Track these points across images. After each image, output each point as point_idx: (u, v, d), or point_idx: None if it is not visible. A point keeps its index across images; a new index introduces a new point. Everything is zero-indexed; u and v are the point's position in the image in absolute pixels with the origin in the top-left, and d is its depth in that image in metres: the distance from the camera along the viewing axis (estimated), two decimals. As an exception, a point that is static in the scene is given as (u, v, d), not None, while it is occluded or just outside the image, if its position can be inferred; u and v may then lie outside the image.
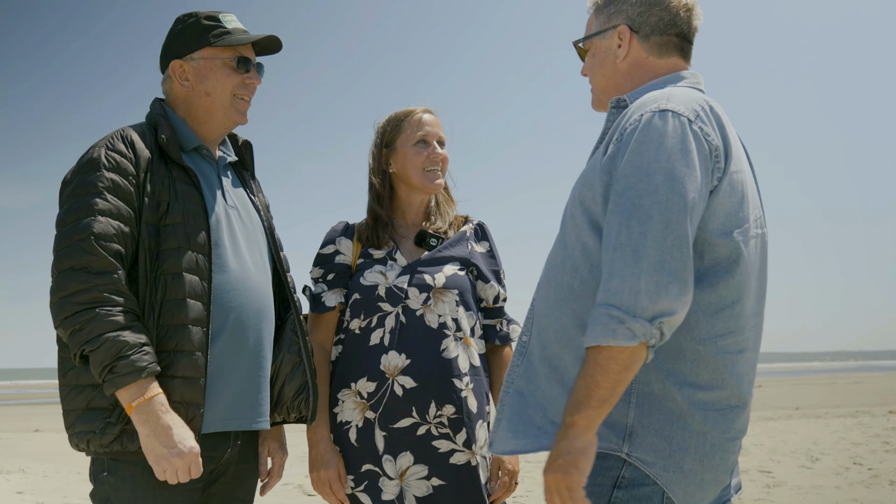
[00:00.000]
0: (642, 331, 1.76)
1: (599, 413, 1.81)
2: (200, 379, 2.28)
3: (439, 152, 2.90)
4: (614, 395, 1.81)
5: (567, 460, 1.81)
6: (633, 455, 1.90)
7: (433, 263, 2.83)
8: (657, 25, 2.16)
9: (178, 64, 2.52)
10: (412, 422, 2.67)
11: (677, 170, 1.83)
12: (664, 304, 1.77)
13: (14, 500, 7.51)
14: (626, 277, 1.78)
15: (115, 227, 2.24)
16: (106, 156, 2.31)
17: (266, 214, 2.70)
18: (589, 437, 1.82)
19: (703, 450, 1.92)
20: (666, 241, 1.78)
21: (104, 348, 2.13)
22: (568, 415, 1.83)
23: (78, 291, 2.17)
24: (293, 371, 2.58)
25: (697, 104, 1.95)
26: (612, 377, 1.79)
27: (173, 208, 2.34)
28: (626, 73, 2.19)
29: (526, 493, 7.44)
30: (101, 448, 2.24)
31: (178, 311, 2.28)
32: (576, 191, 2.04)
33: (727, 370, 1.94)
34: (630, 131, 1.91)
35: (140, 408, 2.16)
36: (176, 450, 2.17)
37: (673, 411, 1.90)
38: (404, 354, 2.69)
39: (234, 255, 2.46)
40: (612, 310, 1.78)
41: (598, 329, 1.79)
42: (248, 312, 2.45)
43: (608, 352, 1.78)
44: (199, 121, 2.55)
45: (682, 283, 1.79)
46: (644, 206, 1.81)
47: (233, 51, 2.53)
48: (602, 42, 2.22)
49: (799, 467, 8.59)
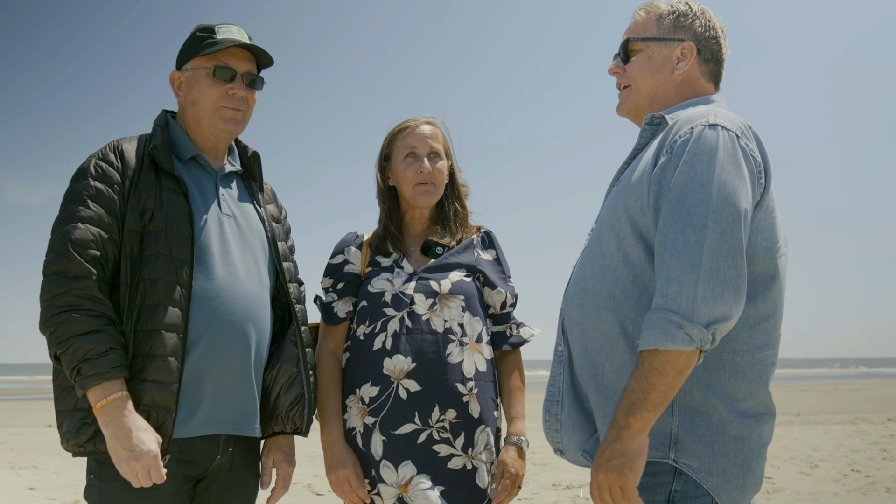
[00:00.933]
0: (699, 336, 1.83)
1: (654, 416, 1.87)
2: (173, 384, 2.31)
3: (426, 166, 2.88)
4: (667, 399, 1.88)
5: (622, 461, 1.87)
6: (680, 461, 1.96)
7: (439, 270, 2.86)
8: (716, 55, 2.28)
9: (175, 75, 2.62)
10: (413, 428, 2.67)
11: (730, 181, 1.89)
12: (720, 311, 1.84)
13: (26, 496, 7.57)
14: (685, 284, 1.84)
15: (93, 233, 2.31)
16: (94, 165, 2.39)
17: (271, 224, 2.70)
18: (643, 438, 1.88)
19: (742, 454, 1.98)
20: (721, 250, 1.85)
21: (72, 350, 2.21)
22: (622, 416, 1.89)
23: (56, 295, 2.25)
24: (290, 382, 2.60)
25: (741, 122, 2.04)
26: (667, 381, 1.85)
27: (157, 215, 2.38)
28: (678, 86, 2.26)
29: (531, 496, 7.50)
30: (77, 448, 2.31)
31: (153, 317, 2.32)
32: (617, 201, 2.08)
33: (761, 381, 2.03)
34: (682, 143, 1.97)
35: (104, 409, 2.22)
36: (133, 452, 2.20)
37: (713, 418, 1.97)
38: (409, 357, 2.71)
39: (223, 263, 2.47)
40: (671, 315, 1.84)
41: (657, 333, 1.85)
42: (234, 320, 2.45)
43: (665, 356, 1.85)
44: (192, 130, 2.61)
45: (737, 290, 1.86)
46: (699, 216, 1.87)
47: (214, 59, 2.55)
48: (662, 49, 2.26)
49: (798, 473, 8.66)
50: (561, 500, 7.29)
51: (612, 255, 2.07)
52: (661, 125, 2.17)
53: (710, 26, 2.27)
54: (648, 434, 1.92)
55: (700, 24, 2.26)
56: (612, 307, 2.05)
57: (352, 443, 2.77)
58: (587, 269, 2.14)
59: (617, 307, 2.04)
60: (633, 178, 2.08)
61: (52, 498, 7.50)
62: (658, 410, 1.88)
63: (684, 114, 2.09)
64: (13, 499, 7.40)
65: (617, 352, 2.03)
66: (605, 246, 2.09)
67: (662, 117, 2.16)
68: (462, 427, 2.70)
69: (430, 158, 2.92)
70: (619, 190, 2.13)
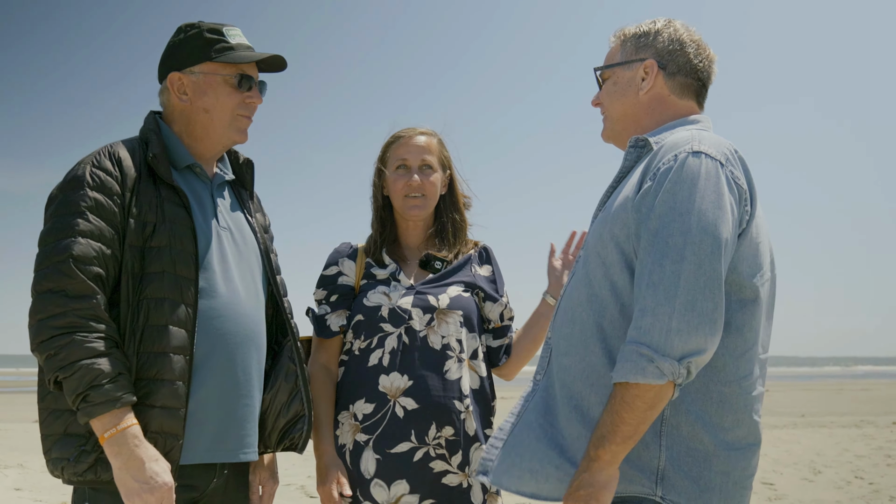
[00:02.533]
0: (671, 370, 1.79)
1: (623, 449, 1.85)
2: (181, 409, 2.21)
3: (415, 179, 2.83)
4: (638, 432, 1.84)
5: (589, 492, 1.85)
6: (667, 498, 1.92)
7: (438, 285, 2.80)
8: (684, 66, 2.23)
9: (176, 76, 2.42)
10: (410, 447, 2.63)
11: (710, 211, 1.86)
12: (694, 344, 1.80)
13: (12, 497, 7.51)
14: (659, 316, 1.80)
15: (95, 249, 2.16)
16: (91, 173, 2.22)
17: (263, 236, 2.60)
18: (611, 471, 1.86)
19: (726, 489, 1.95)
20: (698, 282, 1.81)
21: (78, 376, 2.07)
22: (592, 448, 1.86)
23: (54, 315, 2.10)
24: (290, 400, 2.51)
25: (726, 148, 2.00)
26: (637, 415, 1.82)
27: (160, 230, 2.25)
28: (647, 106, 2.23)
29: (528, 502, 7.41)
30: (75, 476, 2.17)
31: (159, 338, 2.20)
32: (604, 229, 2.05)
33: (747, 411, 1.98)
34: (664, 171, 1.93)
35: (113, 439, 2.09)
36: (147, 485, 2.09)
37: (700, 452, 1.93)
38: (406, 375, 2.66)
39: (223, 279, 2.37)
40: (643, 348, 1.81)
41: (628, 366, 1.82)
42: (237, 340, 2.36)
43: (636, 389, 1.81)
44: (195, 137, 2.45)
45: (713, 323, 1.82)
46: (677, 246, 1.83)
47: (235, 68, 2.43)
48: (626, 72, 2.25)
49: (801, 480, 8.55)
50: None
51: (598, 284, 2.03)
52: (644, 148, 2.13)
53: (673, 39, 2.22)
54: (635, 469, 1.92)
55: (662, 38, 2.22)
56: (599, 338, 2.01)
57: (343, 460, 2.71)
58: (574, 298, 2.10)
59: (605, 338, 2.00)
60: (616, 204, 2.05)
61: (39, 499, 7.44)
62: (628, 444, 1.85)
63: (669, 139, 2.05)
64: None
65: (603, 383, 1.98)
66: (591, 274, 2.06)
67: (646, 140, 2.12)
68: (458, 445, 2.66)
69: (422, 171, 2.86)
70: (604, 216, 2.09)
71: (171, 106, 2.46)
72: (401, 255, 2.90)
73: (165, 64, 2.46)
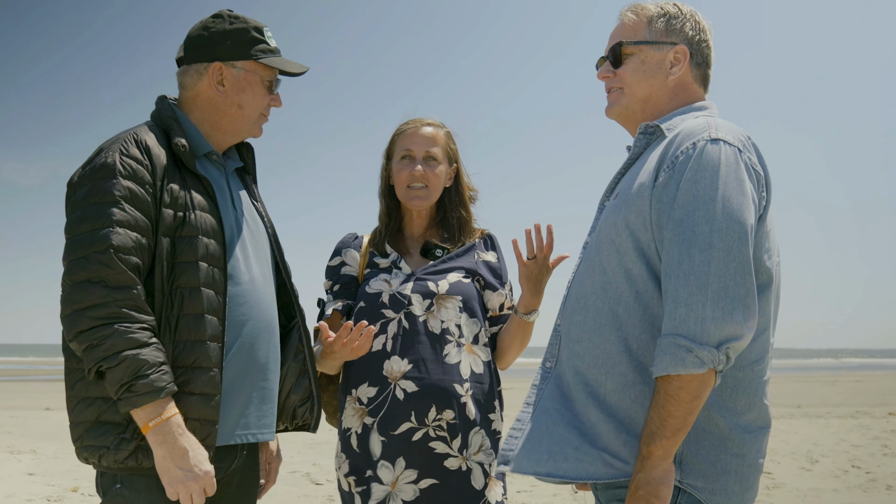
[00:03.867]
0: (710, 357, 1.80)
1: (674, 442, 1.85)
2: (216, 395, 2.25)
3: (419, 169, 2.87)
4: (687, 423, 1.85)
5: (648, 490, 1.85)
6: (685, 482, 1.93)
7: (437, 271, 2.85)
8: (706, 57, 2.23)
9: (218, 66, 2.43)
10: (409, 427, 2.68)
11: (734, 197, 1.86)
12: (730, 330, 1.81)
13: (25, 481, 7.58)
14: (692, 306, 1.81)
15: (133, 238, 2.17)
16: (122, 162, 2.21)
17: (269, 220, 2.66)
18: (666, 465, 1.86)
19: (742, 471, 1.97)
20: (729, 268, 1.82)
21: (123, 366, 2.09)
22: (644, 445, 1.87)
23: (95, 305, 2.11)
24: (298, 380, 2.57)
25: (742, 135, 1.99)
26: (684, 406, 1.83)
27: (189, 220, 2.27)
28: (672, 91, 2.20)
29: (530, 488, 7.53)
30: (116, 464, 2.19)
31: (196, 327, 2.23)
32: (618, 216, 2.03)
33: (758, 394, 2.00)
34: (683, 160, 1.93)
35: (157, 428, 2.12)
36: (192, 473, 2.15)
37: (716, 436, 1.95)
38: (406, 359, 2.72)
39: (245, 266, 2.42)
40: (680, 339, 1.81)
41: (668, 359, 1.82)
42: (259, 325, 2.42)
43: (678, 381, 1.82)
44: (219, 128, 2.48)
45: (747, 308, 1.83)
46: (704, 234, 1.84)
47: (273, 72, 2.50)
48: (655, 53, 2.20)
49: (798, 469, 8.65)
50: (560, 492, 7.29)
51: (613, 271, 2.03)
52: (654, 134, 2.13)
53: (700, 29, 2.21)
54: None
55: (691, 26, 2.20)
56: (615, 325, 2.00)
57: (346, 443, 2.78)
58: (587, 285, 2.09)
59: (620, 325, 2.00)
60: (631, 191, 2.04)
61: (52, 484, 7.50)
62: (678, 437, 1.85)
63: (683, 126, 2.05)
64: (12, 484, 7.40)
65: (618, 371, 1.99)
66: (605, 262, 2.05)
67: (657, 127, 2.12)
68: (459, 428, 2.70)
69: (426, 162, 2.90)
70: (617, 204, 2.08)
71: (199, 92, 2.46)
72: (403, 246, 2.95)
73: (207, 50, 2.45)
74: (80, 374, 2.22)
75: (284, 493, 7.15)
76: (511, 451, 2.11)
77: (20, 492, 7.10)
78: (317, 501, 6.99)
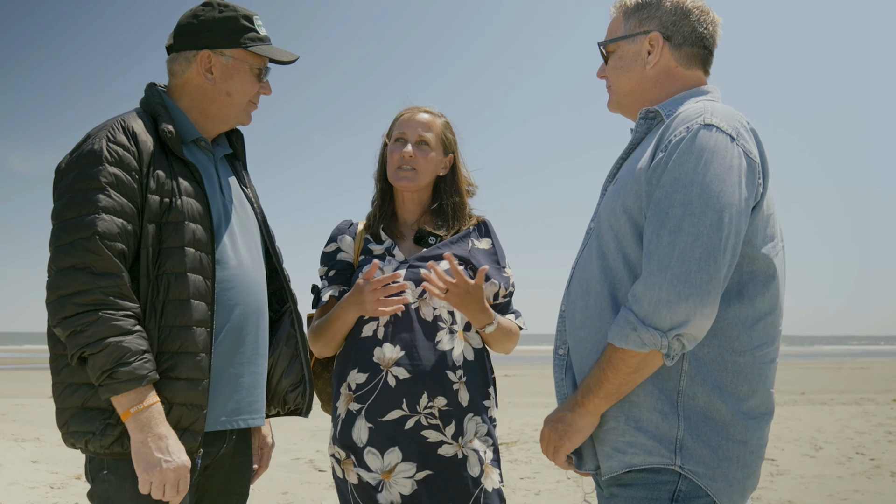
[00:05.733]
0: (652, 341, 1.83)
1: (605, 403, 1.96)
2: (204, 380, 2.26)
3: (408, 150, 2.89)
4: (620, 392, 1.94)
5: (565, 429, 2.01)
6: (686, 467, 1.94)
7: (430, 258, 2.85)
8: (689, 36, 2.18)
9: (207, 55, 2.44)
10: (401, 414, 2.68)
11: (714, 184, 1.85)
12: (682, 314, 1.82)
13: (29, 469, 7.61)
14: (650, 286, 1.84)
15: (118, 225, 2.17)
16: (108, 148, 2.22)
17: (259, 206, 2.67)
18: (592, 420, 1.99)
19: (744, 458, 1.97)
20: (694, 253, 1.81)
21: (105, 353, 2.10)
22: (580, 394, 1.99)
23: (80, 292, 2.11)
24: (290, 365, 2.59)
25: (738, 121, 1.97)
26: (620, 376, 1.91)
27: (176, 205, 2.28)
28: (654, 79, 2.19)
29: (533, 475, 7.51)
30: (101, 449, 2.21)
31: (182, 312, 2.24)
32: (616, 201, 2.04)
33: (761, 380, 2.01)
34: (675, 143, 1.93)
35: (137, 415, 2.13)
36: (171, 461, 2.15)
37: (717, 422, 1.95)
38: (399, 346, 2.71)
39: (233, 251, 2.42)
40: (629, 315, 1.86)
41: (616, 330, 1.89)
42: (248, 310, 2.43)
43: (621, 353, 1.89)
44: (208, 116, 2.50)
45: (704, 295, 1.82)
46: (676, 217, 1.84)
47: (262, 60, 2.51)
48: (630, 46, 2.21)
49: (802, 456, 8.64)
50: (563, 479, 7.29)
51: (612, 256, 2.03)
52: (655, 119, 2.13)
53: (676, 8, 2.17)
54: (654, 439, 1.95)
55: (665, 8, 2.18)
56: (614, 310, 2.01)
57: (334, 430, 2.79)
58: (588, 270, 2.10)
59: (619, 309, 2.00)
60: (630, 176, 2.04)
61: (55, 471, 7.53)
62: (610, 400, 1.95)
63: (682, 110, 2.04)
64: (16, 472, 7.44)
65: None
66: (605, 246, 2.05)
67: (657, 111, 2.11)
68: (452, 415, 2.70)
69: (417, 146, 2.92)
70: (616, 189, 2.08)
71: (188, 80, 2.47)
72: (398, 232, 2.97)
73: (195, 38, 2.45)
74: (65, 361, 2.22)
75: (287, 480, 7.12)
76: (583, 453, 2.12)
77: (23, 479, 7.13)
78: (319, 488, 6.99)
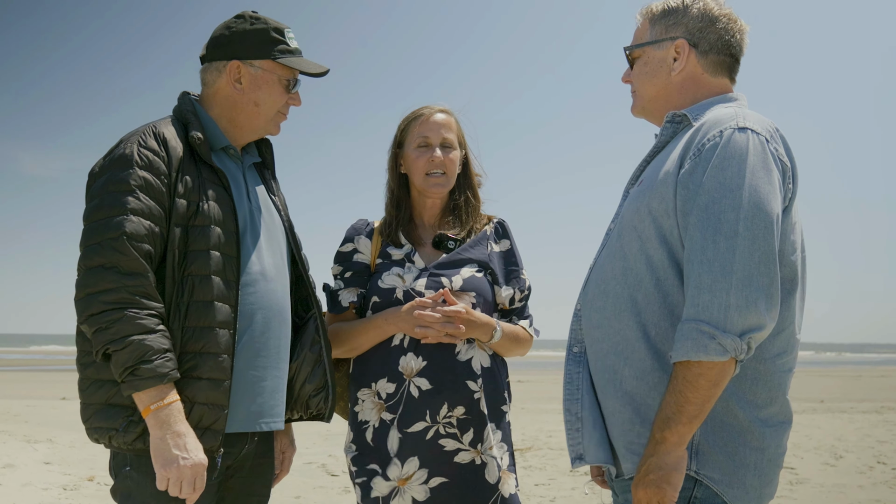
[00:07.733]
0: (733, 346, 1.79)
1: (690, 429, 1.85)
2: (226, 381, 2.32)
3: (438, 155, 2.85)
4: (703, 411, 1.85)
5: (659, 476, 1.85)
6: (702, 473, 1.92)
7: (451, 266, 2.84)
8: (715, 44, 2.18)
9: (237, 65, 2.52)
10: (424, 426, 2.68)
11: (761, 186, 1.86)
12: (753, 320, 1.80)
13: (42, 470, 7.63)
14: (716, 293, 1.80)
15: (146, 227, 2.25)
16: (139, 153, 2.31)
17: (286, 213, 2.72)
18: (680, 452, 1.86)
19: (761, 466, 1.96)
20: (753, 257, 1.81)
21: (128, 350, 2.16)
22: (658, 430, 1.87)
23: (106, 290, 2.19)
24: (314, 370, 2.63)
25: (769, 124, 1.99)
26: (701, 393, 1.82)
27: (202, 209, 2.35)
28: (680, 86, 2.20)
29: (548, 481, 7.45)
30: (124, 445, 2.27)
31: (205, 314, 2.30)
32: (641, 202, 2.04)
33: (780, 388, 2.00)
34: (710, 147, 1.92)
35: (158, 412, 2.19)
36: (188, 458, 2.20)
37: (735, 428, 1.94)
38: (420, 356, 2.70)
39: (257, 257, 2.48)
40: (703, 325, 1.81)
41: (689, 344, 1.82)
42: (271, 314, 2.48)
43: (698, 367, 1.82)
44: (236, 125, 2.56)
45: (770, 298, 1.82)
46: (730, 222, 1.83)
47: (291, 72, 2.57)
48: (656, 52, 2.22)
49: (822, 464, 8.52)
50: (578, 485, 7.21)
51: (634, 257, 2.03)
52: (681, 123, 2.13)
53: (703, 15, 2.18)
54: None
55: (692, 15, 2.17)
56: (633, 311, 2.01)
57: (361, 436, 2.76)
58: (608, 270, 2.10)
59: (639, 311, 2.00)
60: (656, 178, 2.04)
61: (68, 473, 7.55)
62: (694, 424, 1.86)
63: (710, 115, 2.05)
64: (28, 473, 7.46)
65: (637, 357, 1.99)
66: (626, 248, 2.06)
67: (684, 115, 2.12)
68: (471, 423, 2.69)
69: (443, 148, 2.89)
70: (641, 190, 2.08)
71: (218, 89, 2.55)
72: (416, 236, 2.92)
73: (226, 48, 2.54)
74: (91, 357, 2.28)
75: (300, 484, 7.14)
76: (580, 446, 2.11)
77: (36, 480, 7.15)
78: (332, 493, 6.98)
